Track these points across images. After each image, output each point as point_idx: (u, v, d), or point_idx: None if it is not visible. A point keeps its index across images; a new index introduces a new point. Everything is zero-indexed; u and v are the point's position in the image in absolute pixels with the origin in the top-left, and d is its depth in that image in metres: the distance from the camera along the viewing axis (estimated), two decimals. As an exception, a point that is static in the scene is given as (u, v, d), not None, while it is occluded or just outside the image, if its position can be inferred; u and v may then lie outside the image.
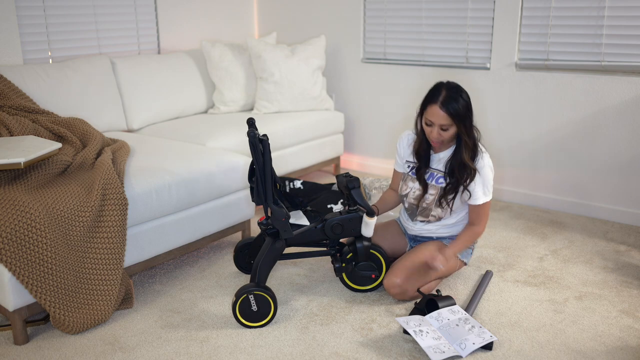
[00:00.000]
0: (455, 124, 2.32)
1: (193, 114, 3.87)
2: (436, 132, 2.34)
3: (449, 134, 2.34)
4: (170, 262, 2.86)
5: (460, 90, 2.34)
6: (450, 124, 2.31)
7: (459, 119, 2.31)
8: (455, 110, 2.29)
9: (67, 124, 2.81)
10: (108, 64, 3.44)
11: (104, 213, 2.28)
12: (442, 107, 2.29)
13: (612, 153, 3.29)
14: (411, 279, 2.39)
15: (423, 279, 2.42)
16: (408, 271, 2.40)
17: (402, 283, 2.38)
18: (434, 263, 2.34)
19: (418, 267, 2.41)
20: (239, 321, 2.27)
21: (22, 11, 3.25)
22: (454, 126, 2.33)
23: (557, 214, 3.47)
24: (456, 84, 2.37)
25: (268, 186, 2.23)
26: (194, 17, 4.15)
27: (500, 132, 3.66)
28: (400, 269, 2.41)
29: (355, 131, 4.32)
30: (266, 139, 2.19)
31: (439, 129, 2.33)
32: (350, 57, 4.22)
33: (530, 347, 2.14)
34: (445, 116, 2.29)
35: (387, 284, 2.42)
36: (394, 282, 2.39)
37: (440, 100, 2.30)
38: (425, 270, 2.41)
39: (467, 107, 2.33)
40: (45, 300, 2.12)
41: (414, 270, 2.40)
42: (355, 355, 2.10)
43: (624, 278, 2.66)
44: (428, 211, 2.50)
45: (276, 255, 2.35)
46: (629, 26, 3.13)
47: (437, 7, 3.75)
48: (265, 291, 2.26)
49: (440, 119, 2.31)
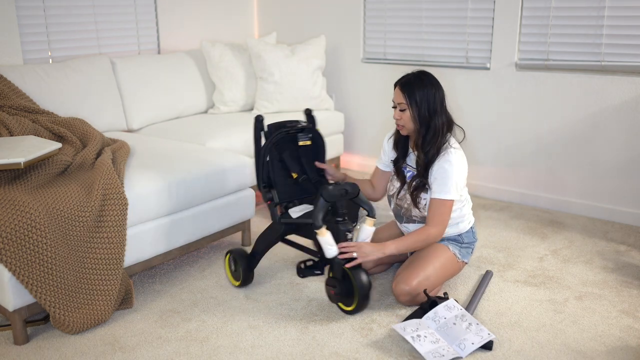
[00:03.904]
0: (409, 107, 2.35)
1: (193, 114, 3.87)
2: (397, 112, 2.40)
3: (407, 116, 2.37)
4: (170, 262, 2.86)
5: (424, 78, 2.36)
6: (406, 104, 2.35)
7: (414, 102, 2.34)
8: (411, 92, 2.34)
9: (67, 124, 2.81)
10: (108, 64, 3.44)
11: (104, 213, 2.29)
12: (401, 86, 2.37)
13: (612, 153, 3.29)
14: (421, 285, 2.36)
15: (431, 283, 2.39)
16: (417, 277, 2.37)
17: (412, 290, 2.35)
18: (352, 250, 2.27)
19: (425, 273, 2.38)
20: (227, 276, 2.66)
21: (22, 11, 3.25)
22: (408, 109, 2.36)
23: (557, 214, 3.47)
24: (427, 73, 2.40)
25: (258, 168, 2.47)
26: (194, 17, 4.15)
27: (500, 132, 3.66)
28: (409, 277, 2.37)
29: (355, 131, 4.32)
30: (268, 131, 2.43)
31: (399, 109, 2.39)
32: (350, 57, 4.22)
33: (530, 347, 2.14)
34: (402, 95, 2.36)
35: (396, 292, 2.39)
36: (404, 290, 2.36)
37: (401, 82, 2.39)
38: (431, 274, 2.39)
39: (427, 93, 2.34)
40: (45, 300, 2.12)
41: (422, 275, 2.37)
42: (355, 355, 2.10)
43: (624, 278, 2.66)
44: (410, 212, 2.50)
45: (272, 234, 2.51)
46: (629, 26, 3.13)
47: (437, 7, 3.75)
48: (240, 257, 2.53)
49: (398, 97, 2.38)
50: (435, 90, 2.37)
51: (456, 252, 2.50)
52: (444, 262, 2.45)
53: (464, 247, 2.54)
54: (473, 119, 3.73)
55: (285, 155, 2.51)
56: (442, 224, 2.37)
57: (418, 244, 2.39)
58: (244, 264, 2.54)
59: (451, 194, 2.35)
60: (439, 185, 2.35)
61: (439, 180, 2.35)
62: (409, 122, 2.38)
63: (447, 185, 2.34)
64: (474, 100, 3.71)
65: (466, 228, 2.54)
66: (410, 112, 2.35)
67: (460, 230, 2.53)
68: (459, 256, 2.52)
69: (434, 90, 2.36)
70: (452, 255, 2.48)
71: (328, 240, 2.24)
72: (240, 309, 2.42)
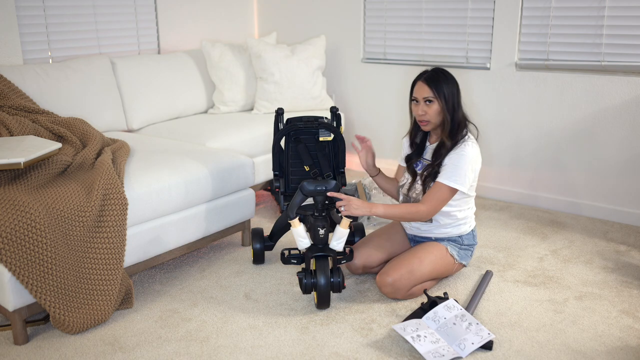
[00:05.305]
0: (438, 99, 2.39)
1: (193, 114, 3.87)
2: (421, 107, 2.42)
3: (433, 110, 2.40)
4: (170, 262, 2.87)
5: (446, 73, 2.44)
6: (433, 97, 2.39)
7: (442, 95, 2.39)
8: (438, 85, 2.39)
9: (67, 124, 2.81)
10: (108, 64, 3.44)
11: (104, 213, 2.29)
12: (426, 81, 2.41)
13: (612, 153, 3.29)
14: (403, 277, 2.39)
15: (415, 278, 2.42)
16: (400, 270, 2.40)
17: (394, 282, 2.39)
18: (341, 203, 2.32)
19: (410, 266, 2.41)
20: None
21: (22, 11, 3.25)
22: (437, 101, 2.39)
23: (557, 214, 3.47)
24: (445, 69, 2.46)
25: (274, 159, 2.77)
26: (194, 17, 4.15)
27: (500, 132, 3.66)
28: (392, 268, 2.43)
29: (355, 131, 4.32)
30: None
31: (423, 103, 2.41)
32: (350, 57, 4.22)
33: (530, 347, 2.14)
34: (429, 89, 2.39)
35: (379, 283, 2.44)
36: (386, 281, 2.41)
37: (425, 77, 2.44)
38: (416, 268, 2.42)
39: (451, 87, 2.41)
40: (45, 300, 2.12)
41: (405, 268, 2.41)
42: (355, 355, 2.10)
43: (624, 278, 2.66)
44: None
45: (283, 220, 2.75)
46: (629, 26, 3.13)
47: (437, 7, 3.75)
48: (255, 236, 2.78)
49: (424, 92, 2.41)
50: (456, 85, 2.45)
51: (454, 254, 2.51)
52: (434, 260, 2.46)
53: (463, 248, 2.55)
54: (473, 119, 3.70)
55: (301, 147, 2.74)
56: (434, 207, 2.38)
57: (406, 216, 2.40)
58: (256, 243, 2.77)
59: (457, 182, 2.36)
60: (447, 172, 2.38)
61: (449, 166, 2.38)
62: (435, 116, 2.42)
63: (455, 173, 2.37)
64: (474, 100, 3.71)
65: (467, 230, 2.55)
66: (439, 104, 2.40)
67: (462, 232, 2.53)
68: (457, 258, 2.52)
69: (455, 85, 2.44)
70: (446, 255, 2.49)
71: (300, 232, 2.37)
72: (240, 309, 2.42)
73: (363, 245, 2.61)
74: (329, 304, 2.38)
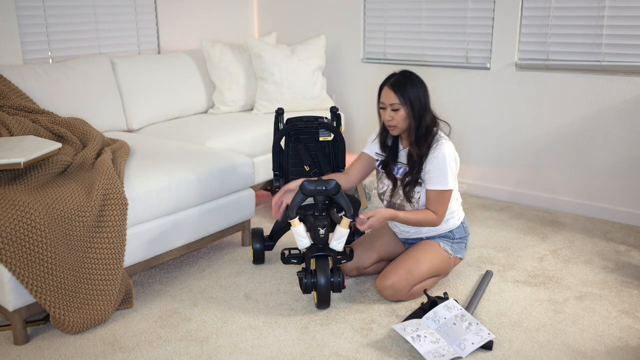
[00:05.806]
0: (404, 105, 2.38)
1: (193, 114, 3.87)
2: (388, 113, 2.41)
3: (400, 116, 2.39)
4: (170, 262, 2.87)
5: (412, 77, 2.42)
6: (399, 103, 2.37)
7: (408, 101, 2.38)
8: (404, 91, 2.38)
9: (67, 124, 2.81)
10: (108, 64, 3.44)
11: (104, 213, 2.29)
12: (392, 87, 2.40)
13: (612, 153, 3.29)
14: (402, 279, 2.40)
15: (414, 277, 2.42)
16: (398, 271, 2.41)
17: (393, 284, 2.39)
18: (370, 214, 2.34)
19: (407, 267, 2.42)
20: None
21: (22, 11, 3.25)
22: (403, 108, 2.38)
23: (557, 214, 3.47)
24: (412, 72, 2.44)
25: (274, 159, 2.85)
26: (194, 17, 4.15)
27: (500, 132, 3.66)
28: (390, 271, 2.43)
29: (355, 131, 4.32)
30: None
31: (390, 109, 2.40)
32: (350, 57, 4.22)
33: (530, 347, 2.14)
34: (394, 95, 2.38)
35: (379, 287, 2.44)
36: (386, 284, 2.41)
37: (390, 82, 2.41)
38: (414, 268, 2.42)
39: (417, 91, 2.40)
40: (45, 300, 2.12)
41: (403, 269, 2.41)
42: (355, 355, 2.10)
43: (624, 278, 2.66)
44: (403, 208, 2.50)
45: (283, 220, 2.70)
46: (629, 26, 3.13)
47: (437, 7, 3.75)
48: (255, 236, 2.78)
49: (390, 98, 2.39)
50: (424, 87, 2.43)
51: (447, 249, 2.52)
52: (430, 257, 2.46)
53: (455, 242, 2.55)
54: (473, 118, 3.74)
55: (301, 147, 2.75)
56: (442, 212, 2.43)
57: (422, 222, 2.44)
58: (256, 243, 2.78)
59: (449, 184, 2.40)
60: (436, 177, 2.39)
61: (434, 172, 2.39)
62: (402, 122, 2.41)
63: (443, 176, 2.39)
64: (474, 100, 3.71)
65: (456, 224, 2.55)
66: (405, 110, 2.38)
67: (451, 227, 2.54)
68: (451, 252, 2.53)
69: (423, 88, 2.42)
70: (441, 251, 2.50)
71: (300, 232, 2.35)
72: (240, 309, 2.42)
73: (354, 247, 2.61)
74: (329, 303, 2.38)
